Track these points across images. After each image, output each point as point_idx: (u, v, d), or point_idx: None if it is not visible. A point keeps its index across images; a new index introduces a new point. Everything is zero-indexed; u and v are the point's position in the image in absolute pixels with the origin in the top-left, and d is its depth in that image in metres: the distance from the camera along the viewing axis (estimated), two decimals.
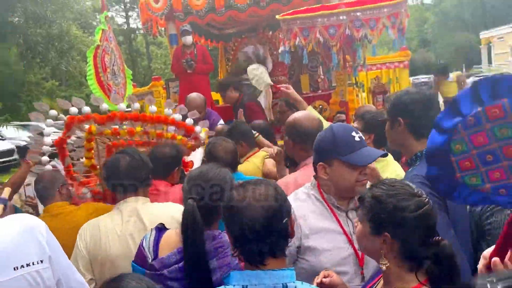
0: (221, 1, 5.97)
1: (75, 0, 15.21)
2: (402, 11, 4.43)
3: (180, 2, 6.04)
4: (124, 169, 2.22)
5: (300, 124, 2.42)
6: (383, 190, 1.41)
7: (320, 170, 1.88)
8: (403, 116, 1.98)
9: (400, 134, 2.02)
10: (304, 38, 4.51)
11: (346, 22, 4.32)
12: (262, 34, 7.48)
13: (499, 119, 1.22)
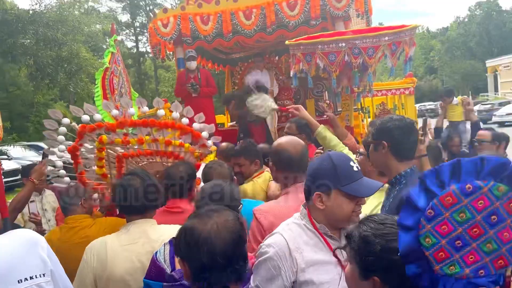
0: (229, 26, 6.06)
1: (86, 23, 15.51)
2: (405, 40, 4.44)
3: (188, 27, 6.14)
4: (135, 191, 2.26)
5: (283, 150, 2.37)
6: (371, 229, 1.33)
7: (316, 199, 1.81)
8: (386, 140, 2.17)
9: (384, 156, 2.20)
10: (307, 63, 4.58)
11: (345, 49, 4.38)
12: (268, 59, 7.57)
13: (455, 205, 1.26)
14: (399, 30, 4.42)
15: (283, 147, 2.38)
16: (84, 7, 23.97)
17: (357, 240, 1.34)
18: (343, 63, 4.47)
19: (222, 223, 1.42)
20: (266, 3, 5.92)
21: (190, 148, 3.30)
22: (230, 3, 6.13)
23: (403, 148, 2.17)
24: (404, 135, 2.16)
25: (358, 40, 4.34)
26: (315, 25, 6.01)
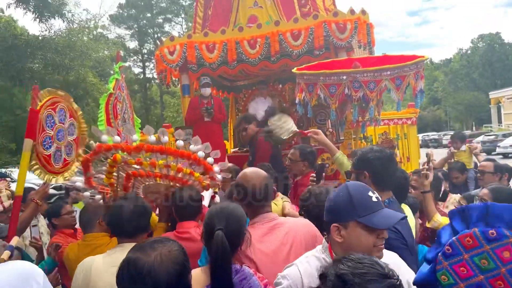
0: (233, 55, 6.17)
1: (94, 49, 15.80)
2: (411, 74, 4.45)
3: (194, 55, 6.26)
4: (126, 216, 2.35)
5: (246, 180, 2.35)
6: (349, 268, 1.26)
7: (333, 232, 1.73)
8: (367, 170, 2.30)
9: None
10: (309, 93, 4.63)
11: (346, 82, 4.41)
12: (272, 87, 7.66)
13: (475, 248, 1.22)
14: (402, 64, 4.43)
15: (246, 177, 2.37)
16: (93, 33, 24.52)
17: (333, 279, 1.27)
18: (343, 95, 4.50)
19: (166, 254, 1.43)
20: (270, 33, 6.06)
21: (200, 177, 3.34)
22: (236, 32, 6.28)
23: (383, 178, 2.28)
24: (383, 166, 2.28)
25: (359, 74, 4.37)
26: (319, 55, 6.12)
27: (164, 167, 3.16)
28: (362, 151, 2.42)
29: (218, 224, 1.92)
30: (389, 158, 2.31)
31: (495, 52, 59.72)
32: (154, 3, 43.11)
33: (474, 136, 32.75)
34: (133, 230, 2.36)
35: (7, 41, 9.01)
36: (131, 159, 3.14)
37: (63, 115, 3.50)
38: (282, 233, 2.21)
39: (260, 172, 2.44)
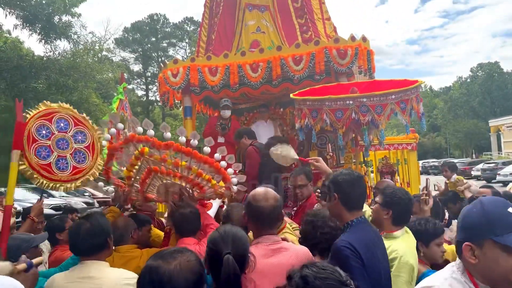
0: (236, 78, 6.26)
1: (98, 71, 15.99)
2: (412, 97, 4.54)
3: (196, 78, 6.35)
4: (83, 235, 2.47)
5: (255, 200, 2.41)
6: (313, 272, 1.39)
7: (466, 251, 1.57)
8: (337, 192, 2.41)
9: (336, 206, 2.43)
10: (313, 119, 4.69)
11: (353, 106, 4.48)
12: (273, 110, 7.72)
13: None
14: (405, 88, 4.54)
15: (255, 197, 2.43)
16: (97, 56, 24.85)
17: (297, 279, 1.39)
18: (349, 120, 4.55)
19: (184, 263, 1.53)
20: (272, 58, 6.16)
21: (215, 186, 3.50)
22: (238, 56, 6.39)
23: (351, 199, 2.40)
24: (351, 188, 2.40)
25: (365, 98, 4.46)
26: (319, 79, 6.21)
27: (186, 168, 3.32)
28: (333, 174, 2.56)
29: (225, 248, 1.92)
30: (357, 180, 2.43)
31: (494, 81, 60.40)
32: (159, 28, 43.94)
33: (474, 163, 32.74)
34: (88, 249, 2.46)
35: (12, 61, 9.15)
36: (157, 155, 3.29)
37: (64, 125, 3.59)
38: (286, 257, 2.23)
39: (272, 192, 2.48)
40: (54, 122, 3.54)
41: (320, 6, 7.34)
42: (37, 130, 3.41)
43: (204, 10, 7.79)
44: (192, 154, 3.26)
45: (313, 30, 6.94)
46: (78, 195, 19.47)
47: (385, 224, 2.74)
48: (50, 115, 3.53)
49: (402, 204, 2.72)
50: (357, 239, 2.21)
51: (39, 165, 3.34)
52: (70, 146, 3.58)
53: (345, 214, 2.39)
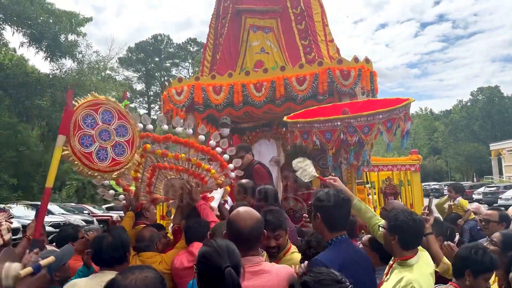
0: (239, 97, 6.31)
1: (102, 90, 16.11)
2: (400, 116, 4.55)
3: (200, 96, 6.40)
4: (105, 247, 2.71)
5: (234, 220, 2.34)
6: (311, 277, 1.64)
7: None
8: (320, 212, 2.49)
9: (318, 225, 2.52)
10: (304, 140, 4.75)
11: (341, 127, 4.52)
12: (276, 130, 7.75)
13: None
14: (392, 108, 4.56)
15: (235, 219, 2.35)
16: (101, 75, 25.07)
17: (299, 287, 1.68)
18: (338, 140, 4.59)
19: (141, 279, 1.61)
20: (276, 77, 6.23)
21: (215, 174, 3.75)
22: (242, 76, 6.46)
23: (333, 220, 2.47)
24: (334, 209, 2.47)
25: (353, 119, 4.50)
26: (322, 99, 6.25)
27: (185, 160, 3.59)
28: (319, 194, 2.59)
29: (223, 261, 1.85)
30: (340, 203, 2.49)
31: (494, 105, 60.75)
32: (163, 48, 44.51)
33: (475, 187, 32.62)
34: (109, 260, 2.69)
35: (18, 78, 9.23)
36: (158, 150, 3.59)
37: (109, 117, 3.61)
38: (265, 280, 2.15)
39: (253, 213, 2.40)
40: (100, 113, 3.57)
41: (324, 28, 7.45)
42: (83, 118, 3.45)
43: (209, 31, 7.92)
44: (189, 144, 3.53)
45: (316, 51, 7.03)
46: (77, 212, 19.38)
47: (396, 250, 2.63)
48: (97, 105, 3.57)
49: (406, 228, 2.57)
50: (331, 258, 2.30)
51: (81, 153, 3.38)
52: (112, 138, 3.60)
53: (326, 233, 2.48)
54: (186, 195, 3.75)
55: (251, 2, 7.42)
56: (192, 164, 3.63)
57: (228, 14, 7.50)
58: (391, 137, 4.55)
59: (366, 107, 4.98)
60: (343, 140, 4.57)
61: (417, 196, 7.91)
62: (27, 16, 8.84)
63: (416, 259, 2.58)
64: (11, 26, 9.35)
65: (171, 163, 3.63)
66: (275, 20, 7.36)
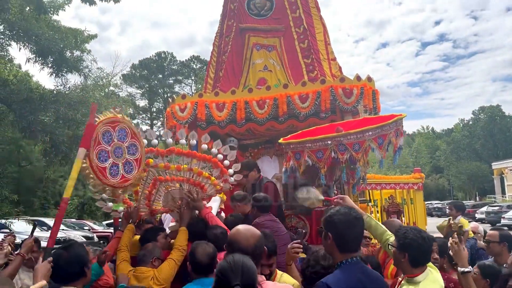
0: (242, 114, 6.34)
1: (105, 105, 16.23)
2: (391, 132, 4.56)
3: (204, 113, 6.44)
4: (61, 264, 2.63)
5: (236, 240, 2.35)
6: None
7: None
8: (331, 232, 2.36)
9: (330, 245, 2.38)
10: (296, 161, 4.79)
11: (332, 146, 4.55)
12: (278, 147, 7.75)
13: None
14: (382, 124, 4.58)
15: (236, 238, 2.37)
16: (105, 91, 25.33)
17: None
18: (330, 159, 4.61)
19: None
20: (279, 95, 6.27)
21: (215, 181, 3.89)
22: (245, 93, 6.50)
23: (345, 241, 2.33)
24: (347, 229, 2.33)
25: (342, 137, 4.54)
26: (325, 117, 6.27)
27: (187, 170, 3.71)
28: (330, 212, 2.46)
29: (235, 279, 1.85)
30: (353, 222, 2.36)
31: (496, 124, 60.74)
32: (166, 65, 44.92)
33: (478, 206, 32.36)
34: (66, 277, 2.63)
35: (22, 94, 9.29)
36: (161, 163, 3.70)
37: (123, 135, 3.76)
38: None
39: (254, 231, 2.42)
40: (117, 130, 3.71)
41: (326, 47, 7.53)
42: (103, 134, 3.57)
43: (212, 48, 8.01)
44: (191, 154, 3.66)
45: (319, 69, 7.09)
46: (77, 228, 19.28)
47: (405, 267, 2.62)
48: (115, 123, 3.70)
49: (415, 246, 2.56)
50: (338, 281, 2.21)
51: (98, 167, 3.48)
52: (124, 155, 3.73)
53: (337, 254, 2.35)
54: (187, 205, 3.87)
55: (254, 21, 7.53)
56: (193, 174, 3.74)
57: (232, 33, 7.59)
58: (383, 154, 4.56)
59: (360, 125, 5.00)
60: (334, 158, 4.61)
61: (420, 215, 7.86)
62: (33, 32, 8.95)
63: (423, 276, 2.56)
64: (17, 42, 9.46)
65: (172, 175, 3.74)
66: (278, 38, 7.45)
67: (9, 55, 11.67)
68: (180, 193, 3.88)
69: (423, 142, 73.32)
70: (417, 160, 65.88)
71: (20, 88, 9.48)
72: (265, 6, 7.66)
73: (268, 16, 7.63)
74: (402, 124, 4.73)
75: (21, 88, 9.53)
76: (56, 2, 11.19)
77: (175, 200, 3.96)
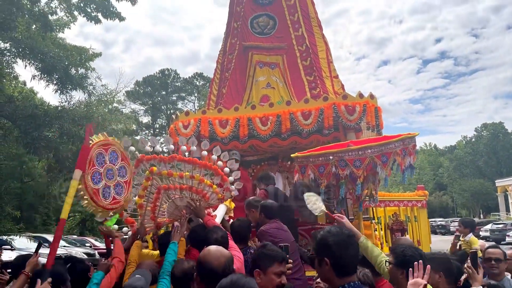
0: (245, 130, 6.37)
1: (109, 121, 16.31)
2: (396, 151, 4.56)
3: (207, 129, 6.48)
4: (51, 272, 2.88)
5: (206, 262, 2.32)
6: None
7: None
8: (328, 257, 2.16)
9: (327, 272, 2.17)
10: (302, 174, 4.83)
11: (333, 161, 4.59)
12: (281, 163, 7.76)
13: None
14: (384, 142, 4.60)
15: (206, 259, 2.33)
16: (108, 107, 25.46)
17: None
18: (330, 174, 4.62)
19: None
20: (282, 112, 6.30)
21: (216, 189, 3.97)
22: (248, 110, 6.54)
23: (343, 264, 2.16)
24: (343, 251, 2.16)
25: (343, 153, 4.59)
26: (328, 134, 6.29)
27: (190, 177, 3.80)
28: (320, 234, 2.28)
29: None
30: (347, 241, 2.21)
31: (499, 141, 60.59)
32: (169, 82, 45.28)
33: (482, 224, 32.05)
34: None
35: (27, 110, 9.36)
36: (164, 170, 3.80)
37: (114, 157, 3.86)
38: None
39: (224, 251, 2.41)
40: (109, 153, 3.80)
41: (328, 64, 7.60)
42: (97, 156, 3.64)
43: (216, 66, 8.10)
44: (193, 161, 3.76)
45: (321, 87, 7.14)
46: (79, 245, 19.16)
47: (403, 284, 2.58)
48: (107, 145, 3.81)
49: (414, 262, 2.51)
50: None
51: (92, 189, 3.55)
52: (115, 178, 3.82)
53: (335, 280, 2.17)
54: (191, 212, 3.93)
55: (257, 39, 7.63)
56: (195, 181, 3.84)
57: (235, 51, 7.69)
58: (387, 172, 4.55)
59: (372, 142, 5.01)
60: (334, 173, 4.62)
61: (425, 232, 7.79)
62: (39, 50, 9.06)
63: None
64: (23, 59, 9.58)
65: (175, 183, 3.83)
66: (281, 56, 7.54)
67: (15, 72, 11.81)
68: (183, 201, 3.93)
69: (426, 159, 73.09)
70: (420, 177, 65.58)
71: (25, 105, 9.55)
72: (268, 25, 7.78)
73: (271, 34, 7.74)
74: (413, 143, 4.69)
75: (26, 104, 9.61)
76: (62, 20, 11.38)
77: (179, 209, 4.00)
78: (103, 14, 10.33)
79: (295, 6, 7.81)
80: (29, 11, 9.71)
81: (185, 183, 3.88)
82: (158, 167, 3.85)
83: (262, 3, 7.91)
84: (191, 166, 3.88)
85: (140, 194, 3.93)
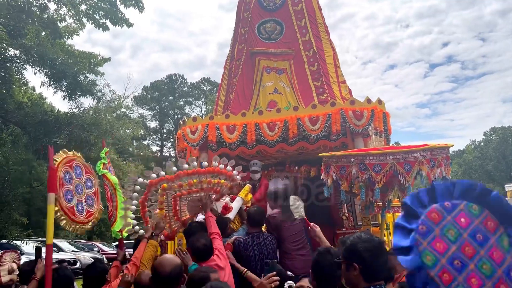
0: (253, 136, 6.37)
1: (117, 127, 16.48)
2: (422, 161, 4.42)
3: (214, 135, 6.49)
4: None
5: (161, 268, 2.68)
6: None
7: None
8: (357, 262, 2.14)
9: (355, 277, 2.16)
10: (326, 174, 4.79)
11: (354, 164, 4.52)
12: (288, 169, 7.74)
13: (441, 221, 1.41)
14: (407, 150, 4.49)
15: (161, 265, 2.69)
16: (116, 113, 25.66)
17: None
18: (350, 176, 4.59)
19: None
20: (289, 117, 6.29)
21: (225, 183, 4.30)
22: (256, 115, 6.54)
23: (373, 271, 2.14)
24: (374, 258, 2.14)
25: (364, 156, 4.52)
26: (336, 139, 6.27)
27: (198, 183, 4.14)
28: (350, 240, 2.27)
29: None
30: (379, 248, 2.19)
31: (508, 145, 59.96)
32: (177, 87, 45.50)
33: None
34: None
35: (37, 116, 9.45)
36: (174, 184, 4.09)
37: (79, 172, 3.98)
38: None
39: (175, 260, 2.72)
40: (74, 168, 3.91)
41: (336, 70, 7.60)
42: (64, 175, 3.73)
43: (223, 72, 8.13)
44: (197, 172, 4.07)
45: (328, 92, 7.13)
46: (87, 250, 19.24)
47: None
48: (70, 162, 3.90)
49: None
50: None
51: (67, 208, 3.64)
52: (84, 191, 3.95)
53: (361, 283, 2.16)
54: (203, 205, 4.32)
55: (265, 45, 7.65)
56: (204, 183, 4.18)
57: (242, 56, 7.71)
58: (411, 181, 4.44)
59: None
60: (353, 176, 4.58)
61: None
62: (48, 57, 9.16)
63: None
64: (33, 66, 9.68)
65: (188, 190, 4.15)
66: (288, 62, 7.55)
67: (24, 78, 11.95)
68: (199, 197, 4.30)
69: None
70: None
71: (35, 111, 9.65)
72: (275, 30, 7.80)
73: (278, 40, 7.76)
74: (444, 155, 4.54)
75: (36, 111, 9.71)
76: (70, 27, 11.52)
77: (198, 204, 4.39)
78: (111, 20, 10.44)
79: (302, 11, 7.83)
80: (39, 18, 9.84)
81: (196, 187, 4.21)
82: (168, 185, 4.13)
83: (269, 9, 7.94)
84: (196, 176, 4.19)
85: (160, 207, 4.19)
